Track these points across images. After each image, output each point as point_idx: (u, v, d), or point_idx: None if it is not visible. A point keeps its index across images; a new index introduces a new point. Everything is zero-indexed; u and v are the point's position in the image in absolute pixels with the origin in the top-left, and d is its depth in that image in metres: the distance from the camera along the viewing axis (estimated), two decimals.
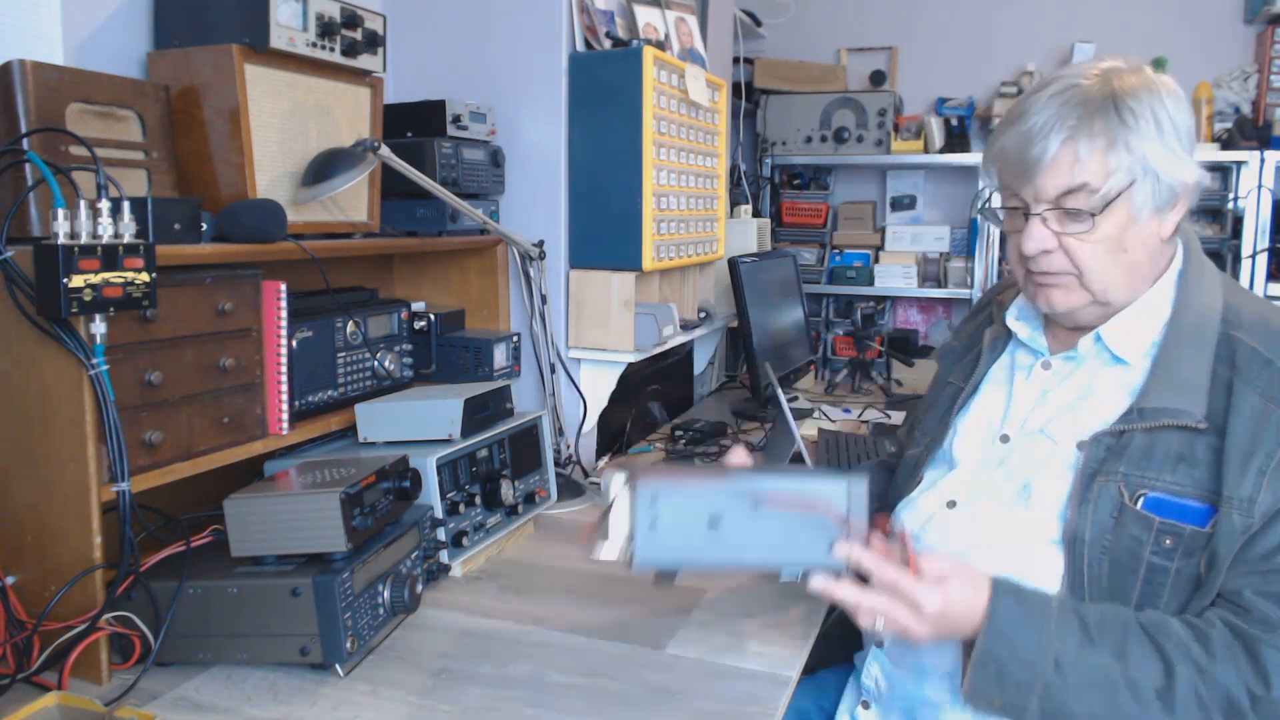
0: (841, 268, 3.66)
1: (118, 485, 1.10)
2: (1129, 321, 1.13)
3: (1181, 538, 1.02)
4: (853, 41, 3.90)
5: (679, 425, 2.34)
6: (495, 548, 1.56)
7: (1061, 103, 1.08)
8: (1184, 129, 1.09)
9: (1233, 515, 0.99)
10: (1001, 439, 1.20)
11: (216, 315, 1.27)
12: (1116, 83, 1.08)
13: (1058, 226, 1.10)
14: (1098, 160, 1.06)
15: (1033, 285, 1.17)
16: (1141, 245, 1.11)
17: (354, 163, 1.48)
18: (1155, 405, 1.06)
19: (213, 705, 1.09)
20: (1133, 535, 1.04)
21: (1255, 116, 3.31)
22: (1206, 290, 1.13)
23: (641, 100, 1.93)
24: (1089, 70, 1.11)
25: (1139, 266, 1.12)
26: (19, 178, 1.15)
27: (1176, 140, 1.08)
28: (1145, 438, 1.06)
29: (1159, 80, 1.10)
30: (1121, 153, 1.06)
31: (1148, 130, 1.06)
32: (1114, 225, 1.09)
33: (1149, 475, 1.05)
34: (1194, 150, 1.11)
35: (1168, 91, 1.09)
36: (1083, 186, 1.07)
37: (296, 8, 1.40)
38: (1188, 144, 1.09)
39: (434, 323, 1.85)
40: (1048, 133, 1.07)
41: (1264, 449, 1.00)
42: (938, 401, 1.34)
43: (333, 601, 1.11)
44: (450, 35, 2.04)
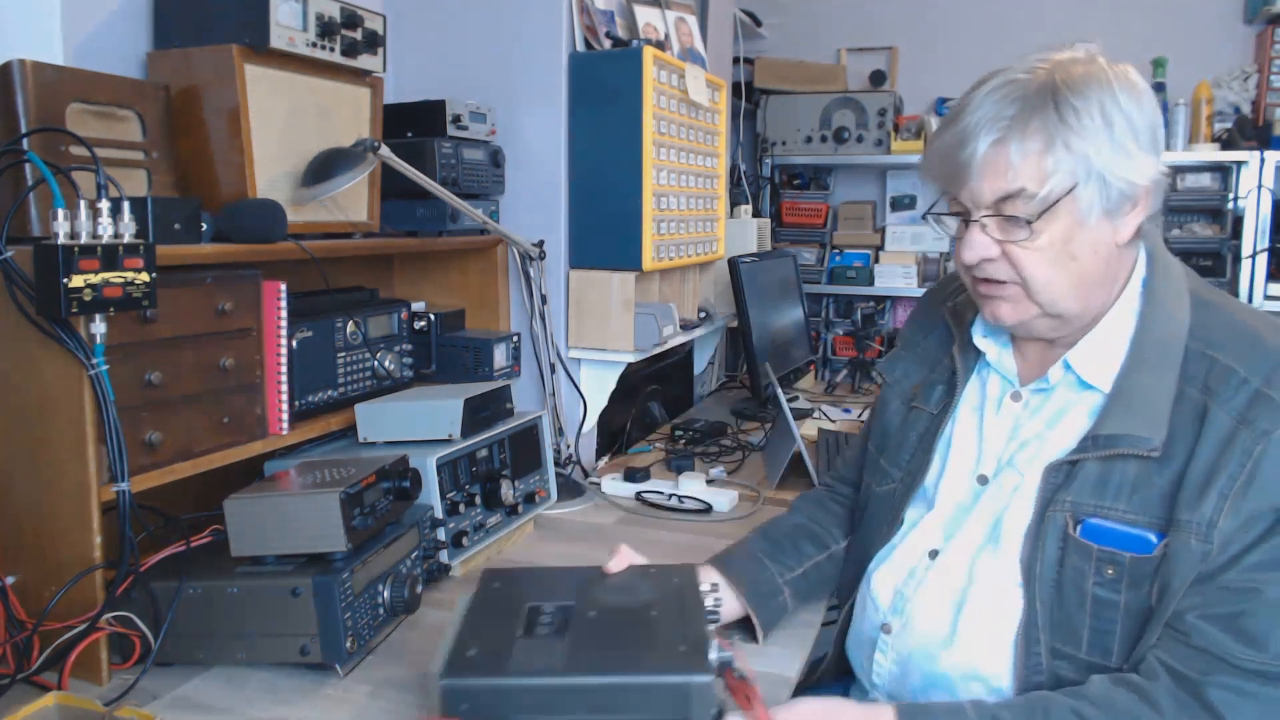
0: (841, 268, 3.66)
1: (118, 485, 1.09)
2: (1096, 344, 1.06)
3: (1122, 566, 0.97)
4: (853, 41, 3.90)
5: (679, 425, 2.34)
6: (495, 548, 1.56)
7: (998, 99, 0.99)
8: (1140, 124, 0.99)
9: (1189, 541, 0.94)
10: (979, 480, 1.14)
11: (216, 315, 1.27)
12: (1060, 76, 0.98)
13: (999, 234, 1.02)
14: (1034, 163, 0.98)
15: (979, 296, 1.10)
16: (1092, 252, 1.02)
17: (354, 163, 1.48)
18: (1110, 432, 1.00)
19: (213, 705, 1.09)
20: (1076, 566, 0.99)
21: (1255, 116, 3.31)
22: (1172, 301, 1.05)
23: (641, 100, 1.93)
24: (1035, 62, 1.01)
25: (1090, 275, 1.03)
26: (19, 178, 1.15)
27: (1130, 137, 0.98)
28: (1100, 466, 1.01)
29: (1112, 71, 1.00)
30: (1061, 153, 0.97)
31: (1092, 127, 0.97)
32: (1058, 232, 1.00)
33: (1095, 503, 1.00)
34: (1156, 146, 1.01)
35: (1122, 84, 0.99)
36: (1020, 191, 0.99)
37: (296, 8, 1.40)
38: (1146, 140, 0.99)
39: (434, 323, 1.85)
40: (978, 133, 0.99)
41: (1228, 471, 0.94)
42: (904, 429, 1.24)
43: (333, 601, 1.11)
44: (450, 35, 2.04)
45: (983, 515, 1.11)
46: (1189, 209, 3.44)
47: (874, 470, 1.28)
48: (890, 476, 1.24)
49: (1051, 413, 1.10)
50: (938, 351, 1.25)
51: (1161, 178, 1.02)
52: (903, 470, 1.22)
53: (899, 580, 1.16)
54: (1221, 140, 3.26)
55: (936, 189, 1.08)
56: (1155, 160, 1.01)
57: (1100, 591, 0.98)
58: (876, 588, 1.19)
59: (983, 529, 1.10)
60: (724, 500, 1.80)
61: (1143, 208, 1.03)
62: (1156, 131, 1.01)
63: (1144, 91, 1.01)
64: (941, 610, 1.10)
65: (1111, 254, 1.04)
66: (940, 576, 1.12)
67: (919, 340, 1.29)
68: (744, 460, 2.10)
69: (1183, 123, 3.27)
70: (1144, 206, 1.03)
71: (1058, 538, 1.01)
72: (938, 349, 1.25)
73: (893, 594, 1.17)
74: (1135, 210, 1.03)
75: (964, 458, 1.16)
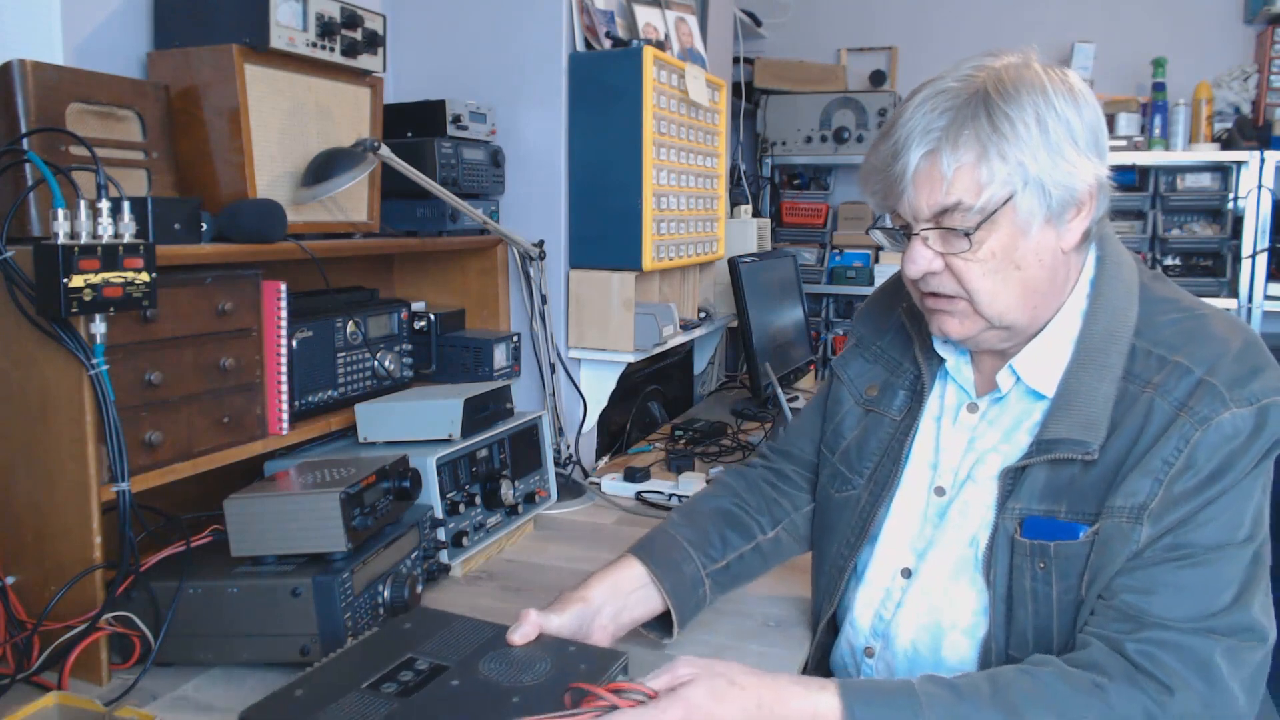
0: (841, 268, 3.66)
1: (118, 485, 1.10)
2: (1041, 349, 1.05)
3: (1050, 557, 0.98)
4: (853, 41, 3.91)
5: (679, 425, 2.34)
6: (495, 548, 1.56)
7: (928, 110, 0.97)
8: (1078, 127, 0.97)
9: (1120, 524, 0.94)
10: (937, 492, 1.12)
11: (216, 315, 1.27)
12: (992, 83, 0.96)
13: (940, 246, 1.00)
14: (968, 174, 0.96)
15: (926, 310, 1.08)
16: (1037, 261, 1.00)
17: (354, 163, 1.48)
18: (1051, 437, 1.00)
19: (213, 705, 1.09)
20: (1018, 566, 1.00)
21: (1255, 116, 3.32)
22: (1118, 300, 1.03)
23: (641, 100, 1.93)
24: (968, 70, 1.00)
25: (1036, 284, 1.01)
26: (19, 178, 1.15)
27: (1068, 141, 0.96)
28: (1046, 471, 1.00)
29: (1047, 75, 0.98)
30: (995, 163, 0.95)
31: (1026, 134, 0.95)
32: (999, 242, 0.98)
33: (1042, 507, 1.00)
34: (1097, 148, 0.99)
35: (1057, 87, 0.97)
36: (957, 204, 0.97)
37: (296, 8, 1.40)
38: (1086, 143, 0.97)
39: (434, 323, 1.85)
40: (909, 146, 0.97)
41: (1163, 456, 0.94)
42: (863, 435, 1.20)
43: (333, 601, 1.11)
44: (450, 35, 2.04)
45: (955, 533, 1.09)
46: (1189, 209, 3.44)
47: (830, 472, 1.24)
48: (851, 484, 1.20)
49: (1008, 423, 1.08)
50: (895, 353, 1.22)
51: (1105, 180, 1.00)
52: (865, 479, 1.18)
53: (876, 603, 1.15)
54: (1221, 140, 3.26)
55: (876, 203, 1.06)
56: (1097, 163, 0.99)
57: (1036, 586, 0.99)
58: (857, 610, 1.17)
59: (956, 548, 1.08)
60: None
61: (1088, 211, 1.01)
62: (1098, 134, 0.99)
63: (1081, 94, 0.99)
64: (921, 634, 1.10)
65: (1058, 261, 1.02)
66: (918, 598, 1.10)
67: (872, 340, 1.26)
68: (744, 460, 2.10)
69: (1183, 123, 3.28)
70: (1089, 210, 1.01)
71: (1006, 544, 1.01)
72: (896, 351, 1.22)
73: (872, 616, 1.15)
74: (1080, 215, 1.01)
75: (921, 469, 1.14)
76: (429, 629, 1.05)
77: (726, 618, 1.33)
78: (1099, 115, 1.00)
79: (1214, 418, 0.93)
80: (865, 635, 1.16)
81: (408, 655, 0.99)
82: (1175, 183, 3.41)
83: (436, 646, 1.01)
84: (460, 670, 0.96)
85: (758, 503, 1.31)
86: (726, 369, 3.24)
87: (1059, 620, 0.99)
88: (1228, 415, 0.93)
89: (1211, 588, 0.93)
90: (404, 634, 1.04)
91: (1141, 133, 3.35)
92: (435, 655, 0.99)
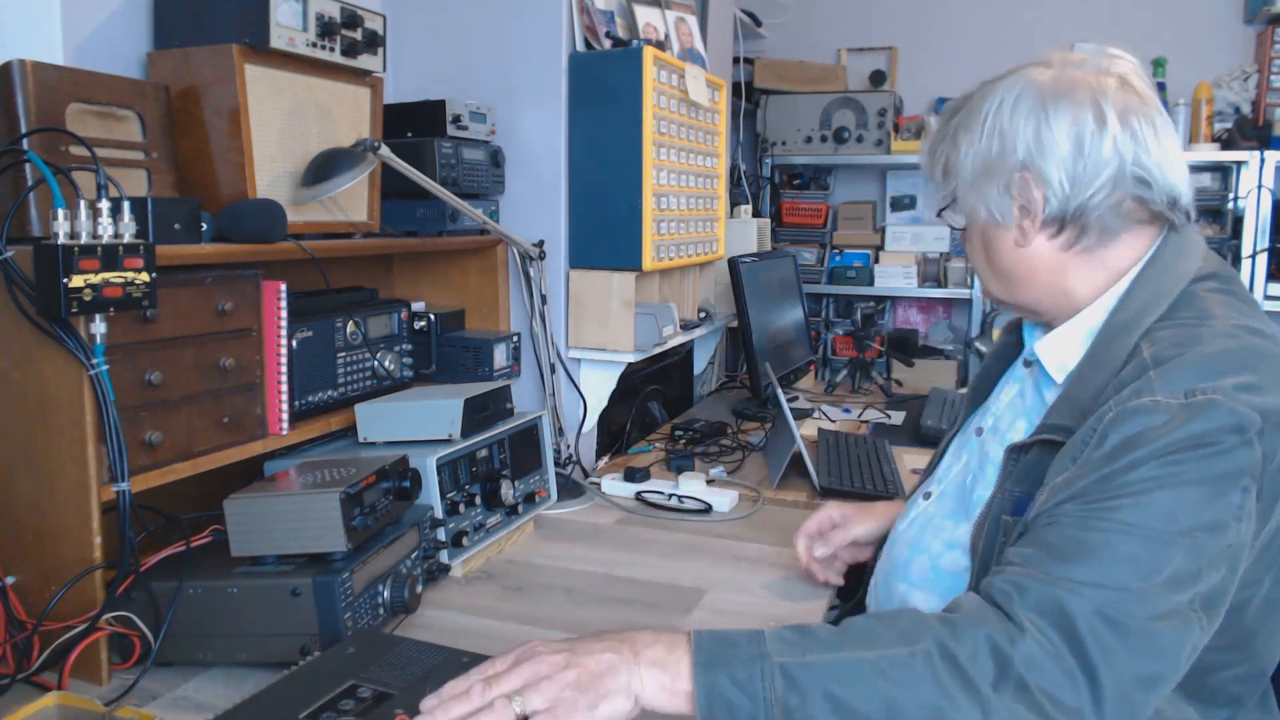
0: (841, 268, 3.66)
1: (118, 485, 1.10)
2: (1062, 336, 1.08)
3: (1009, 534, 1.00)
4: (853, 41, 3.90)
5: (679, 425, 2.33)
6: (495, 548, 1.56)
7: (946, 110, 1.12)
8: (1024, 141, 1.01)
9: (1039, 497, 0.95)
10: (976, 431, 1.19)
11: (216, 315, 1.27)
12: (970, 97, 1.08)
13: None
14: (937, 170, 1.11)
15: None
16: (1001, 252, 1.08)
17: (354, 163, 1.48)
18: (1048, 422, 1.01)
19: (213, 705, 1.09)
20: (1002, 544, 1.02)
21: (1255, 116, 3.31)
22: (1146, 303, 1.01)
23: (641, 100, 1.93)
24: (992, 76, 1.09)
25: (1008, 272, 1.09)
26: (19, 178, 1.15)
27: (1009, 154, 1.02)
28: (1038, 454, 1.02)
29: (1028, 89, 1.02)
30: (948, 169, 1.09)
31: (966, 145, 1.05)
32: (973, 232, 1.11)
33: (1027, 490, 1.01)
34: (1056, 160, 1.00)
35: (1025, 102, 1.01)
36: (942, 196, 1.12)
37: (296, 8, 1.40)
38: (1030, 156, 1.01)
39: (434, 323, 1.85)
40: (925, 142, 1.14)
41: (1083, 437, 0.93)
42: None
43: (333, 601, 1.11)
44: (450, 35, 2.04)
45: (963, 476, 1.16)
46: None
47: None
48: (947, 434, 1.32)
49: (1040, 395, 1.11)
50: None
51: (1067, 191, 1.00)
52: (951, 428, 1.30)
53: (902, 518, 1.25)
54: (1221, 140, 3.26)
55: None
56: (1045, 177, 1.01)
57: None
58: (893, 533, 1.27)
59: (957, 491, 1.16)
60: (724, 500, 1.80)
61: (1035, 218, 1.03)
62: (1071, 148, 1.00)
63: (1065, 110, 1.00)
64: (906, 548, 1.18)
65: (1027, 255, 1.06)
66: (919, 519, 1.19)
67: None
68: (744, 460, 2.10)
69: (1183, 123, 3.28)
70: (1037, 217, 1.03)
71: (996, 521, 1.04)
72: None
73: (895, 527, 1.26)
74: (1032, 220, 1.03)
75: (979, 410, 1.23)
76: (373, 654, 1.00)
77: (728, 617, 1.33)
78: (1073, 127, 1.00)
79: (1133, 401, 0.90)
80: (886, 545, 1.26)
81: (350, 683, 0.94)
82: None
83: (381, 672, 0.96)
84: (405, 698, 0.91)
85: None
86: (726, 369, 3.24)
87: None
88: (1148, 401, 0.89)
89: (1104, 556, 0.85)
90: (347, 659, 0.99)
91: None
92: (379, 682, 0.94)
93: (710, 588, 1.43)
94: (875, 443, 2.11)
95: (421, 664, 0.98)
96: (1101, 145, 0.99)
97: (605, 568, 1.52)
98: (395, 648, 1.02)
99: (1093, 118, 0.99)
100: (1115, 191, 1.00)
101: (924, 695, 0.82)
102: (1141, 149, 1.00)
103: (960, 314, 3.78)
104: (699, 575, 1.48)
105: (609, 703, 0.83)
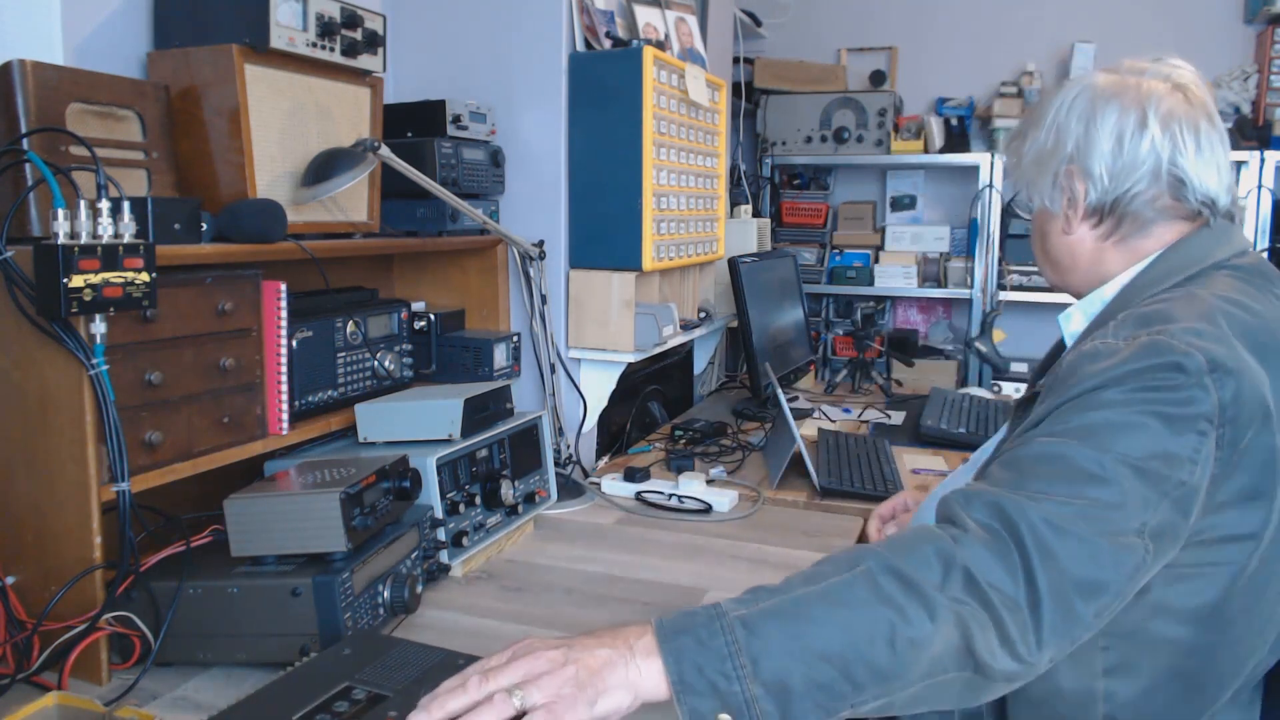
0: (841, 268, 3.66)
1: (118, 485, 1.10)
2: (1078, 307, 1.20)
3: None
4: (853, 41, 3.90)
5: (679, 425, 2.33)
6: (495, 548, 1.56)
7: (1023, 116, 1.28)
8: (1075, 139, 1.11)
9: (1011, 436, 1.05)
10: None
11: (216, 315, 1.27)
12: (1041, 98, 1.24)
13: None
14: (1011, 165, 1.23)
15: None
16: (1052, 239, 1.19)
17: (354, 163, 1.48)
18: (1046, 382, 1.07)
19: (213, 705, 1.09)
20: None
21: (1255, 116, 3.31)
22: (1151, 282, 1.08)
23: (641, 100, 1.93)
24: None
25: (1054, 256, 1.20)
26: (19, 178, 1.15)
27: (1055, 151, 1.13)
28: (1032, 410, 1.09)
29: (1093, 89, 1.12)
30: (1015, 163, 1.21)
31: (1031, 143, 1.16)
32: (1035, 220, 1.23)
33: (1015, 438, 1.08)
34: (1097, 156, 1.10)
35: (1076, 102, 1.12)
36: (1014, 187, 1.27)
37: (296, 8, 1.40)
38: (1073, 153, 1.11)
39: (434, 323, 1.85)
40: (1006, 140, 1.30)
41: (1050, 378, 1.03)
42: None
43: (333, 601, 1.11)
44: (450, 35, 2.04)
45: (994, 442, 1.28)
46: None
47: None
48: None
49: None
50: None
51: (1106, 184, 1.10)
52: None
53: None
54: None
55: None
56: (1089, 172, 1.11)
57: None
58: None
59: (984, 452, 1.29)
60: (724, 500, 1.80)
61: (1080, 208, 1.13)
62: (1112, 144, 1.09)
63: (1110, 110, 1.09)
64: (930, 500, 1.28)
65: (1072, 244, 1.16)
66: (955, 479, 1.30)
67: None
68: (744, 460, 2.10)
69: None
70: (1080, 207, 1.13)
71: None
72: None
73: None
74: (1075, 209, 1.14)
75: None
76: (369, 655, 1.00)
77: None
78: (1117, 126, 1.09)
79: (1087, 345, 1.01)
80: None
81: (344, 684, 0.94)
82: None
83: (376, 674, 0.96)
84: (400, 700, 0.90)
85: None
86: (726, 369, 3.24)
87: None
88: (1100, 344, 0.99)
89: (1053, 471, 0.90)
90: (342, 660, 0.99)
91: None
92: (374, 684, 0.94)
93: (710, 588, 1.43)
94: (875, 443, 2.11)
95: (418, 665, 0.98)
96: (1140, 144, 1.07)
97: (605, 568, 1.52)
98: (391, 649, 1.02)
99: (1135, 119, 1.08)
100: (1152, 187, 1.08)
101: (873, 611, 0.84)
102: (1179, 151, 1.07)
103: (960, 314, 3.78)
104: (699, 575, 1.48)
105: (608, 698, 0.84)
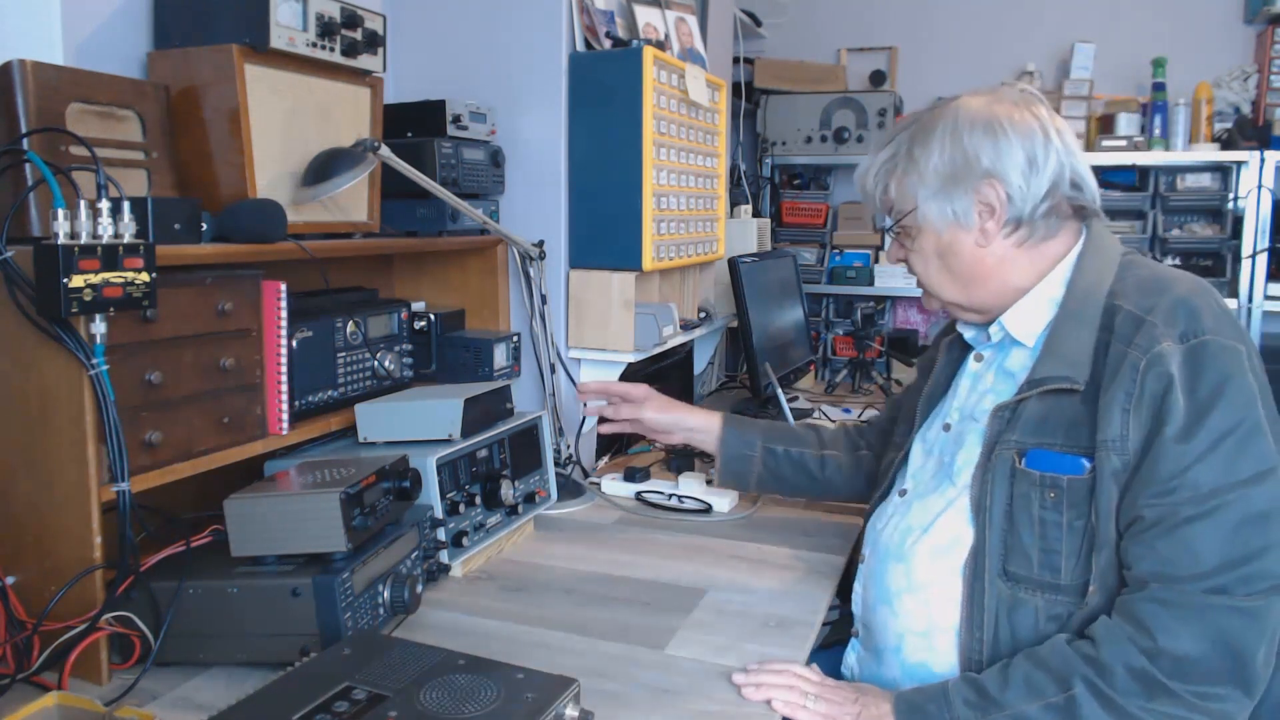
0: (841, 268, 3.66)
1: (118, 485, 1.10)
2: (1026, 307, 1.23)
3: (1062, 489, 1.11)
4: (853, 41, 3.90)
5: None
6: (495, 548, 1.56)
7: (882, 142, 1.27)
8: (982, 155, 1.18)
9: (1111, 457, 1.07)
10: (944, 428, 1.31)
11: (216, 315, 1.27)
12: (922, 122, 1.23)
13: (899, 244, 1.30)
14: (891, 193, 1.27)
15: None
16: (960, 255, 1.23)
17: (354, 163, 1.48)
18: (1039, 375, 1.15)
19: (213, 705, 1.09)
20: (1023, 494, 1.13)
21: (1255, 116, 3.31)
22: (1097, 272, 1.19)
23: (641, 100, 1.93)
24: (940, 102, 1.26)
25: (968, 274, 1.24)
26: (19, 178, 1.15)
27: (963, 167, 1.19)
28: (1039, 406, 1.15)
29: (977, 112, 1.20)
30: (902, 186, 1.24)
31: (925, 163, 1.20)
32: (927, 242, 1.25)
33: (1037, 440, 1.14)
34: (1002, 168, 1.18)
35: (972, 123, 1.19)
36: (891, 213, 1.27)
37: (296, 8, 1.40)
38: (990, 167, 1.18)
39: (434, 323, 1.85)
40: (864, 172, 1.29)
41: (1123, 388, 1.07)
42: (909, 412, 1.42)
43: (333, 601, 1.11)
44: (450, 35, 2.04)
45: (941, 456, 1.28)
46: (1189, 209, 3.44)
47: (882, 444, 1.54)
48: (896, 448, 1.42)
49: (1004, 370, 1.26)
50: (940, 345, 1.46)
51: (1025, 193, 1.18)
52: (900, 447, 1.40)
53: (878, 521, 1.34)
54: (1221, 140, 3.26)
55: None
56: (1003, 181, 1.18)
57: (1045, 514, 1.12)
58: (865, 534, 1.37)
59: (937, 467, 1.28)
60: (724, 500, 1.80)
61: (999, 216, 1.20)
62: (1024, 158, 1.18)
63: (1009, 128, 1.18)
64: (899, 536, 1.27)
65: (985, 254, 1.22)
66: (904, 510, 1.29)
67: (939, 340, 1.49)
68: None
69: (1183, 123, 3.27)
70: (1000, 215, 1.19)
71: (1006, 473, 1.15)
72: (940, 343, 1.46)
73: (870, 531, 1.35)
74: (994, 218, 1.20)
75: (941, 413, 1.35)
76: (369, 655, 1.00)
77: (728, 617, 1.33)
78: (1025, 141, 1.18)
79: (1153, 347, 1.07)
80: (864, 550, 1.35)
81: (344, 684, 0.94)
82: (1175, 183, 3.41)
83: (375, 674, 0.96)
84: (400, 700, 0.91)
85: (843, 441, 1.65)
86: (726, 369, 3.24)
87: (1068, 543, 1.11)
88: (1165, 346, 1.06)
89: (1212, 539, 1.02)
90: (341, 661, 0.99)
91: (1141, 133, 3.34)
92: (374, 684, 0.94)
93: (710, 588, 1.43)
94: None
95: (418, 665, 0.98)
96: (1050, 153, 1.18)
97: (605, 568, 1.52)
98: (391, 649, 1.02)
99: (1038, 129, 1.18)
100: (1060, 192, 1.19)
101: None
102: (1074, 158, 1.20)
103: None
104: (699, 575, 1.48)
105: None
